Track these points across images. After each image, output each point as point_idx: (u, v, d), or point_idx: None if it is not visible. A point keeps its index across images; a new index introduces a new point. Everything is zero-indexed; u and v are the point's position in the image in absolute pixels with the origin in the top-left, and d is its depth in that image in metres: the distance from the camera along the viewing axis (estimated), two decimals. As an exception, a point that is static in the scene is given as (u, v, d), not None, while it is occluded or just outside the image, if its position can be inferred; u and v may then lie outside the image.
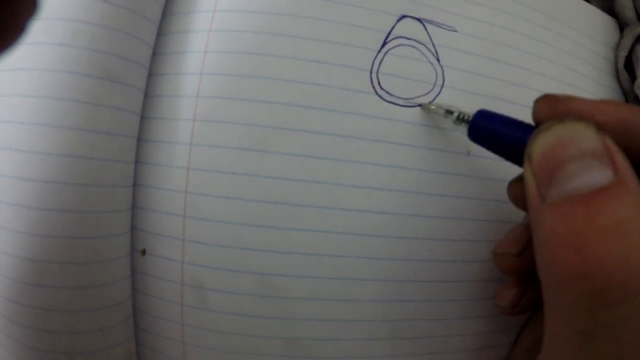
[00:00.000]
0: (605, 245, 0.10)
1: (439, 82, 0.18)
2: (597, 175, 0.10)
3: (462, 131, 0.16)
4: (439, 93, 0.18)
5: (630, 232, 0.10)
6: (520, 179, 0.16)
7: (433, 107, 0.17)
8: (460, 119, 0.16)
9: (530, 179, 0.11)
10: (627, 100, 0.22)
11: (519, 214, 0.19)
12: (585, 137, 0.11)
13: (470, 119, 0.15)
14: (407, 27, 0.18)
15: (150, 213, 0.17)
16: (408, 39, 0.18)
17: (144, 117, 0.18)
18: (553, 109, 0.13)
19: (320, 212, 0.17)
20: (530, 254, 0.15)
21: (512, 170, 0.19)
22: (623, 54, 0.22)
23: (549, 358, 0.11)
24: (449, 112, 0.16)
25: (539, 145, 0.11)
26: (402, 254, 0.17)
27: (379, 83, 0.18)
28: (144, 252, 0.18)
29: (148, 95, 0.18)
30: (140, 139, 0.18)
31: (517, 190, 0.16)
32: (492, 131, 0.15)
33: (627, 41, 0.22)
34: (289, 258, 0.17)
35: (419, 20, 0.18)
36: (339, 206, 0.17)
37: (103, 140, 0.16)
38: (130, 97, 0.17)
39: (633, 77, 0.22)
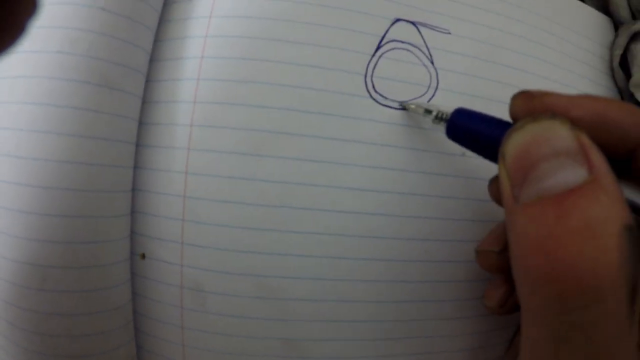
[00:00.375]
0: (575, 247, 0.09)
1: (434, 84, 0.18)
2: (571, 175, 0.10)
3: (441, 130, 0.16)
4: (434, 95, 0.18)
5: (601, 233, 0.09)
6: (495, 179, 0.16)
7: (413, 106, 0.17)
8: (439, 117, 0.16)
9: (504, 179, 0.11)
10: (622, 98, 0.22)
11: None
12: (559, 135, 0.11)
13: (449, 117, 0.15)
14: (401, 31, 0.18)
15: (149, 217, 0.18)
16: (402, 42, 0.18)
17: (142, 123, 0.18)
18: (529, 105, 0.13)
19: (317, 214, 0.17)
20: None
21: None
22: (618, 52, 0.22)
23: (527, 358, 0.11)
24: (428, 111, 0.16)
25: (513, 145, 0.11)
26: (396, 255, 0.18)
27: (373, 87, 0.18)
28: (143, 256, 0.18)
29: (146, 101, 0.18)
30: (139, 145, 0.18)
31: (496, 189, 0.16)
32: (469, 129, 0.14)
33: (622, 40, 0.22)
34: (286, 260, 0.17)
35: (412, 23, 0.19)
36: (335, 208, 0.17)
37: (102, 146, 0.16)
38: (129, 103, 0.17)
39: (628, 76, 0.22)
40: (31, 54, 0.16)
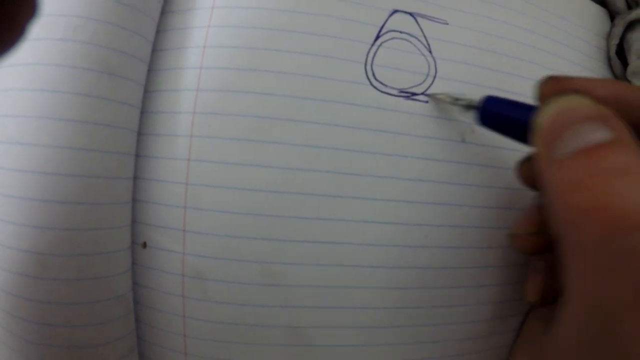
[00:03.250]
0: (614, 181, 0.11)
1: (432, 72, 0.19)
2: (598, 134, 0.11)
3: (469, 117, 0.17)
4: (432, 83, 0.19)
5: (635, 171, 0.11)
6: (527, 159, 0.16)
7: (441, 95, 0.18)
8: (469, 106, 0.17)
9: (539, 146, 0.13)
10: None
11: (517, 199, 0.19)
12: (584, 104, 0.12)
13: (479, 105, 0.16)
14: (400, 21, 0.19)
15: (151, 205, 0.18)
16: (400, 32, 0.19)
17: (144, 112, 0.18)
18: (555, 87, 0.14)
19: (320, 200, 0.17)
20: (547, 232, 0.15)
21: (505, 154, 0.19)
22: (614, 42, 0.22)
23: (572, 311, 0.11)
24: (457, 99, 0.17)
25: (545, 115, 0.13)
26: (401, 241, 0.18)
27: (373, 74, 0.18)
28: (144, 245, 0.18)
29: (148, 90, 0.18)
30: (141, 133, 0.18)
31: (525, 169, 0.16)
32: (502, 115, 0.15)
33: (618, 29, 0.22)
34: (290, 246, 0.17)
35: (410, 14, 0.19)
36: (338, 194, 0.17)
37: (103, 132, 0.16)
38: (131, 91, 0.17)
39: (625, 65, 0.22)
40: (35, 41, 0.16)
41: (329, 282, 0.17)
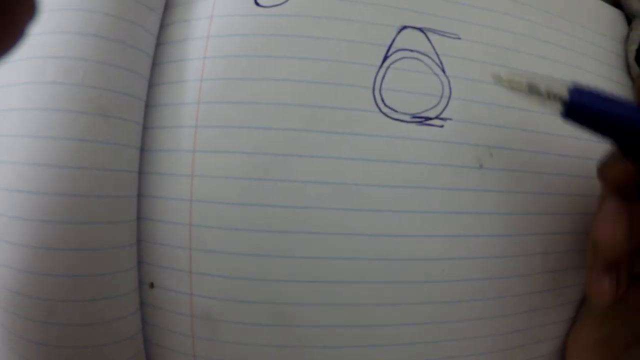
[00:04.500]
0: None
1: (446, 93, 0.17)
2: None
3: (552, 109, 0.14)
4: (447, 105, 0.17)
5: None
6: (616, 158, 0.15)
7: (512, 79, 0.15)
8: (550, 96, 0.14)
9: None
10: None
11: (536, 225, 0.18)
12: None
13: (565, 96, 0.14)
14: (409, 39, 0.17)
15: (157, 246, 0.17)
16: (410, 50, 0.17)
17: (144, 150, 0.17)
18: None
19: (329, 238, 0.16)
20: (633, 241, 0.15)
21: (525, 178, 0.18)
22: (633, 47, 0.21)
23: None
24: (533, 89, 0.14)
25: None
26: (416, 277, 0.17)
27: (382, 100, 0.17)
28: (152, 285, 0.18)
29: (146, 127, 0.17)
30: (142, 172, 0.17)
31: (616, 169, 0.15)
32: (593, 110, 0.14)
33: (637, 34, 0.21)
34: (299, 286, 0.16)
35: (420, 30, 0.18)
36: (348, 231, 0.16)
37: (102, 176, 0.16)
38: (127, 131, 0.17)
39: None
40: (25, 85, 0.16)
41: (340, 321, 0.17)
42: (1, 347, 0.17)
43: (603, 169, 0.15)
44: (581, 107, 0.14)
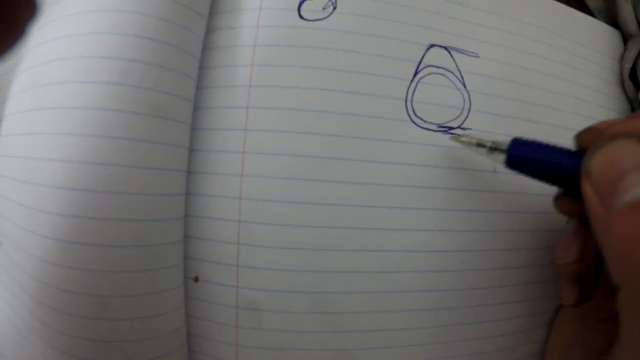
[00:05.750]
0: None
1: (467, 106, 0.20)
2: None
3: (497, 160, 0.17)
4: (467, 116, 0.20)
5: None
6: (563, 194, 0.17)
7: (464, 139, 0.18)
8: (494, 148, 0.17)
9: (590, 194, 0.12)
10: (632, 109, 0.24)
11: (545, 222, 0.20)
12: (637, 150, 0.12)
13: (505, 148, 0.16)
14: (435, 56, 0.19)
15: (203, 242, 0.18)
16: (437, 67, 0.19)
17: (195, 150, 0.18)
18: (596, 135, 0.14)
19: (366, 233, 0.18)
20: (587, 258, 0.16)
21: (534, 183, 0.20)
22: (628, 65, 0.23)
23: (629, 355, 0.12)
24: (481, 145, 0.17)
25: (597, 162, 0.12)
26: (440, 267, 0.19)
27: (413, 111, 0.19)
28: (196, 279, 0.19)
29: (195, 128, 0.18)
30: (192, 172, 0.18)
31: (565, 204, 0.16)
32: (531, 159, 0.15)
33: (632, 53, 0.23)
34: (338, 277, 0.18)
35: (445, 48, 0.20)
36: (384, 226, 0.18)
37: (155, 175, 0.17)
38: (179, 131, 0.18)
39: (638, 87, 0.24)
40: (82, 84, 0.16)
41: (373, 308, 0.19)
42: (39, 343, 0.18)
43: (555, 204, 0.17)
44: (520, 157, 0.16)
